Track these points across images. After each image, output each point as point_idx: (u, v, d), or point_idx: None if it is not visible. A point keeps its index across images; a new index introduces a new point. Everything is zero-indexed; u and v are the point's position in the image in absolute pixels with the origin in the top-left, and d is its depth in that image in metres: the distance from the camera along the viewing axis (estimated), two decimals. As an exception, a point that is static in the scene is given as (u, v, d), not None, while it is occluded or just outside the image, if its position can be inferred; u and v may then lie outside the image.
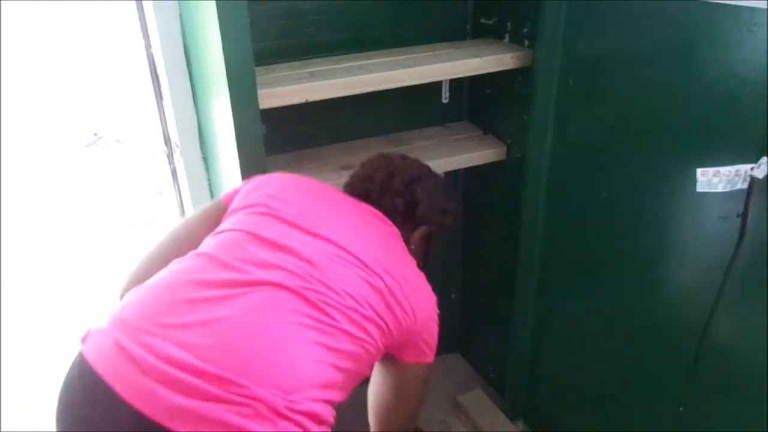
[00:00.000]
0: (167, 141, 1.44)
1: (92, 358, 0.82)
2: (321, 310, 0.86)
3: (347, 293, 0.89)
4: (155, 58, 1.31)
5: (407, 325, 0.98)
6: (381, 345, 0.94)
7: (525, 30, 1.42)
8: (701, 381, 1.20)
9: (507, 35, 1.50)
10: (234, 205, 1.01)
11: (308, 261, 0.90)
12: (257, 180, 1.05)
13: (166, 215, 1.65)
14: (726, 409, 1.18)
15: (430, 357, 1.08)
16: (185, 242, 1.00)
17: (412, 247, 1.12)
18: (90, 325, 0.89)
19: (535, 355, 1.69)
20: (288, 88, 1.22)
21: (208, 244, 0.95)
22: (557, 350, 1.63)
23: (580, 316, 1.53)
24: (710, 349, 1.17)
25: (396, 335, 0.97)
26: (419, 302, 1.00)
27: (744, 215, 1.02)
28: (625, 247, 1.33)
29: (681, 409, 1.25)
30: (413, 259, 1.06)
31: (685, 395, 1.24)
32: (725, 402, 1.18)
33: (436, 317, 1.07)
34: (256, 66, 1.01)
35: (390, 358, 1.06)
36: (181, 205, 1.50)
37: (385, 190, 1.09)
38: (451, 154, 1.54)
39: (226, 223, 0.98)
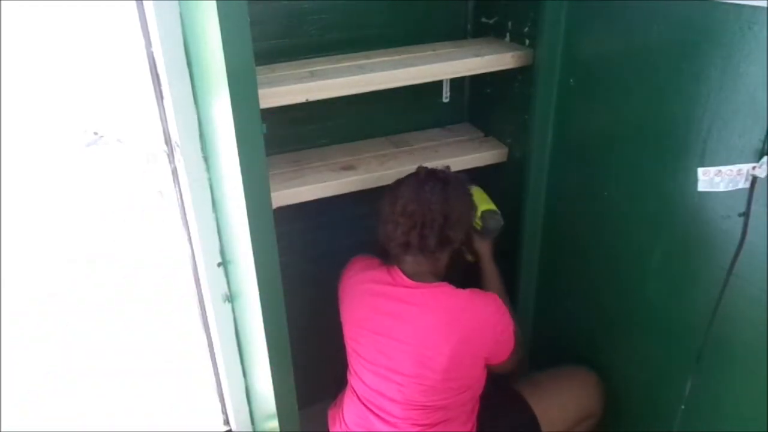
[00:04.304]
0: (168, 140, 1.43)
1: None
2: None
3: None
4: (156, 58, 1.30)
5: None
6: None
7: (526, 29, 1.42)
8: (703, 380, 1.20)
9: (507, 34, 1.50)
10: None
11: None
12: None
13: (166, 215, 1.65)
14: (727, 408, 1.18)
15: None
16: None
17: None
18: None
19: (534, 357, 1.69)
20: (288, 88, 1.22)
21: None
22: (557, 351, 1.63)
23: (580, 316, 1.53)
24: (712, 348, 1.17)
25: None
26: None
27: (746, 214, 1.02)
28: (626, 247, 1.33)
29: (683, 407, 1.25)
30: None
31: (687, 394, 1.24)
32: (726, 401, 1.18)
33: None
34: (256, 65, 1.01)
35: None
36: (182, 205, 1.49)
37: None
38: (453, 156, 1.54)
39: None
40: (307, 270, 1.69)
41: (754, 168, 0.98)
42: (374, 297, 1.30)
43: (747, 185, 1.00)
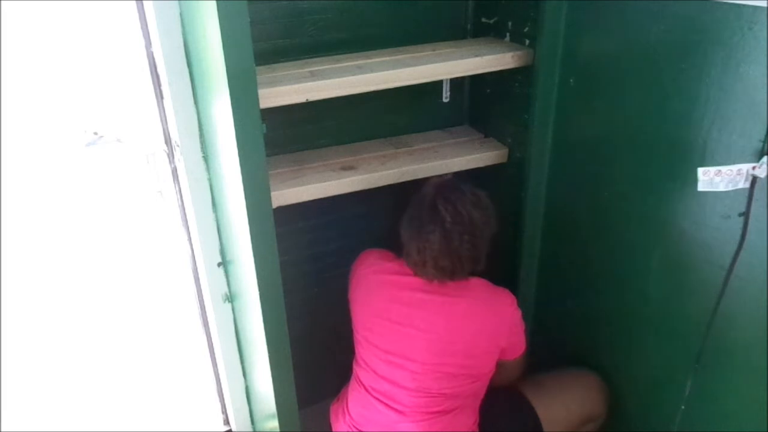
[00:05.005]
0: (167, 140, 1.44)
1: None
2: None
3: None
4: (156, 58, 1.31)
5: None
6: None
7: (526, 29, 1.42)
8: (703, 380, 1.20)
9: (508, 34, 1.50)
10: None
11: None
12: None
13: (166, 215, 1.65)
14: (727, 408, 1.18)
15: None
16: None
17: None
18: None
19: (534, 357, 1.69)
20: (288, 88, 1.22)
21: None
22: (557, 351, 1.63)
23: (580, 316, 1.53)
24: (712, 348, 1.17)
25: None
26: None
27: (746, 214, 1.02)
28: (625, 247, 1.33)
29: (683, 407, 1.25)
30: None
31: (687, 394, 1.24)
32: (726, 401, 1.18)
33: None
34: (256, 65, 1.01)
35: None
36: (182, 205, 1.49)
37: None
38: (453, 156, 1.54)
39: None
40: (307, 270, 1.69)
41: (754, 168, 0.98)
42: (393, 288, 1.31)
43: (747, 185, 1.00)
